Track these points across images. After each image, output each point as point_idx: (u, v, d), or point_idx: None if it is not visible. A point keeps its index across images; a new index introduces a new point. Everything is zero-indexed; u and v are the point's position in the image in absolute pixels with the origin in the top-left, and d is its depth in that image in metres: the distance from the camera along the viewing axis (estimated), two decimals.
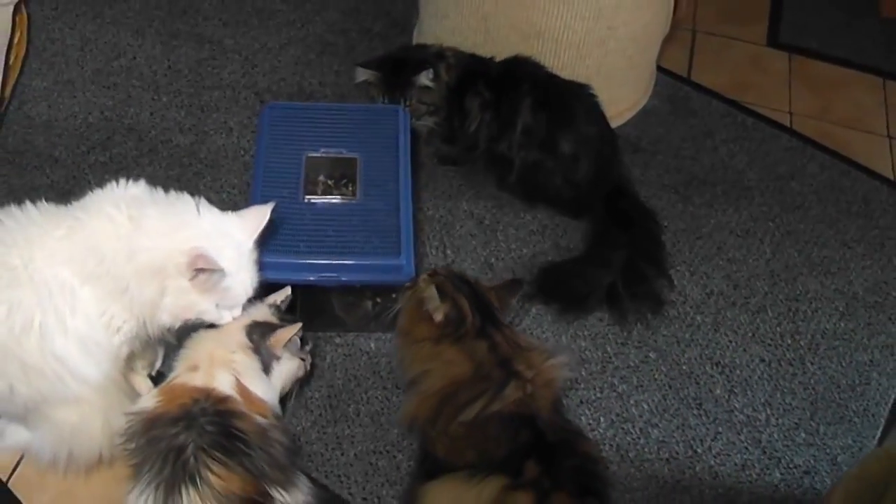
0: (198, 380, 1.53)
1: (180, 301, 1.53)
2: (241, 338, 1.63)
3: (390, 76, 2.21)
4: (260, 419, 1.53)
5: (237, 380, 1.56)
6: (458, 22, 2.38)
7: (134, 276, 1.49)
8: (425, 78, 2.19)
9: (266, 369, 1.64)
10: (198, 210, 1.56)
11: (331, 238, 1.85)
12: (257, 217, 1.61)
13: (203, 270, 1.48)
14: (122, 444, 1.50)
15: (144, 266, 1.49)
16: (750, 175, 2.50)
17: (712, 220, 2.36)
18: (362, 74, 2.23)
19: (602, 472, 1.69)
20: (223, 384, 1.54)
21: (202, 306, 1.56)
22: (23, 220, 1.52)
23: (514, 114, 2.19)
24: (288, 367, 1.69)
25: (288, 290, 1.75)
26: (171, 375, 1.60)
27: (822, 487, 1.87)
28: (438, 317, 1.65)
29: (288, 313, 1.75)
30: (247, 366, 1.60)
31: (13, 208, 1.53)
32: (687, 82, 2.78)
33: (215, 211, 1.59)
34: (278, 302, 1.73)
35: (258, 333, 1.64)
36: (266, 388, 1.63)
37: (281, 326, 1.66)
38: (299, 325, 1.66)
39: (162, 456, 1.41)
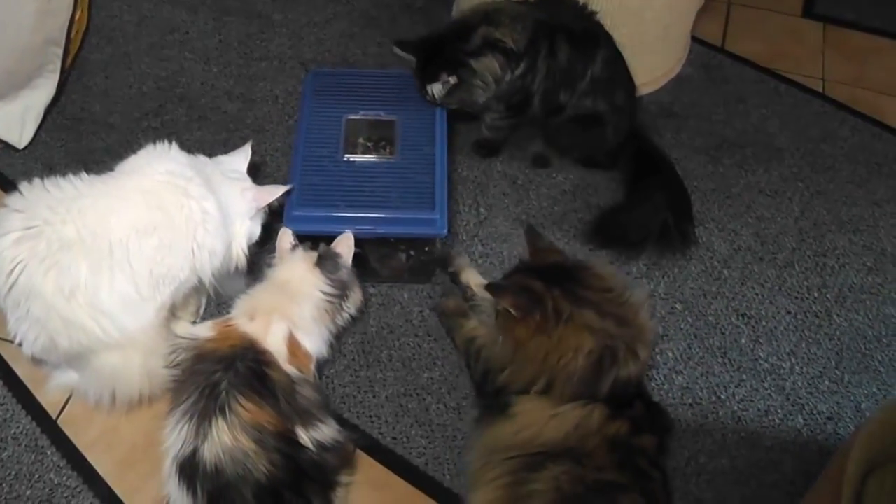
0: (251, 328, 1.64)
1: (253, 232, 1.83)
2: (314, 283, 1.75)
3: (423, 61, 2.10)
4: (294, 373, 1.63)
5: (290, 333, 1.67)
6: None
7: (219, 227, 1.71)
8: (438, 88, 2.08)
9: (347, 295, 1.80)
10: (213, 164, 1.83)
11: (368, 193, 1.93)
12: (244, 153, 1.90)
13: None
14: (168, 368, 1.63)
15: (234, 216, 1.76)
16: (781, 138, 2.52)
17: (742, 181, 2.40)
18: (399, 52, 2.16)
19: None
20: (275, 336, 1.65)
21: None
22: (70, 191, 1.63)
23: (587, 65, 2.15)
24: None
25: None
26: (230, 315, 1.71)
27: (846, 433, 1.90)
28: (506, 306, 1.58)
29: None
30: (303, 319, 1.72)
31: (60, 179, 1.64)
32: (721, 51, 2.80)
33: (222, 157, 1.88)
34: (293, 241, 1.84)
35: (329, 264, 1.78)
36: (318, 342, 1.76)
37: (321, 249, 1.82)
38: (349, 234, 1.84)
39: (199, 390, 1.53)
